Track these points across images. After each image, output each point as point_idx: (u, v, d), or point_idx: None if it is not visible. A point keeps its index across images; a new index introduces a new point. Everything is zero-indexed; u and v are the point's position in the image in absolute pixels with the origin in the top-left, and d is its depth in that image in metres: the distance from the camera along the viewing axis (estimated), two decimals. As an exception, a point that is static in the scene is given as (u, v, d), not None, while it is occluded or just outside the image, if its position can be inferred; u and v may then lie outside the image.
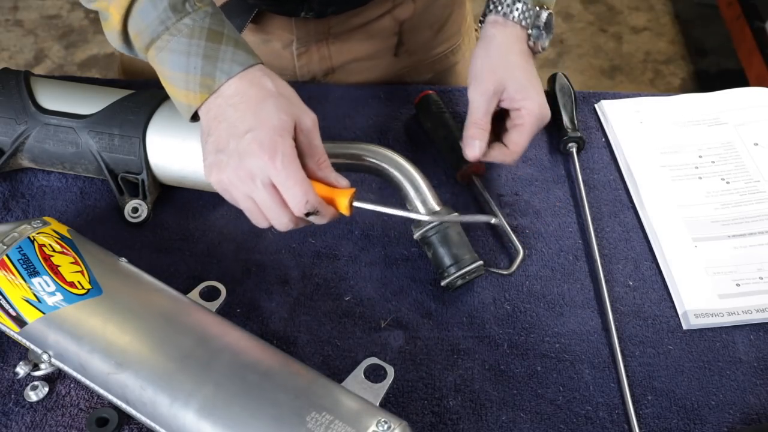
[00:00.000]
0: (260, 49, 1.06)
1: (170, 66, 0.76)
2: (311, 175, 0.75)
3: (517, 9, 0.89)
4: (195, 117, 0.77)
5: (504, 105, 0.90)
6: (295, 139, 0.74)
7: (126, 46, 0.80)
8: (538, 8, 0.89)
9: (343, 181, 0.77)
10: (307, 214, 0.74)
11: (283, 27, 1.04)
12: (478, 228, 0.92)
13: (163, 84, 0.78)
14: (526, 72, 0.89)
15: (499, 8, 0.90)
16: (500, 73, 0.88)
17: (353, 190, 0.76)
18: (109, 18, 0.77)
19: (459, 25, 0.98)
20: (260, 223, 0.77)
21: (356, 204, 0.77)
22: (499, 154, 0.90)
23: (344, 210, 0.76)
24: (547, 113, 0.90)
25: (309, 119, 0.75)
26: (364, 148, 0.88)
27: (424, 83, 1.16)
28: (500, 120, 0.91)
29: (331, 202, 0.76)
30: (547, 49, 0.93)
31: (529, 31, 0.90)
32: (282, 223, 0.75)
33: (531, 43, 0.91)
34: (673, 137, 1.02)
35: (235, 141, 0.73)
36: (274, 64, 1.07)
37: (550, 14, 0.91)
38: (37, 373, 0.75)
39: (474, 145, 0.88)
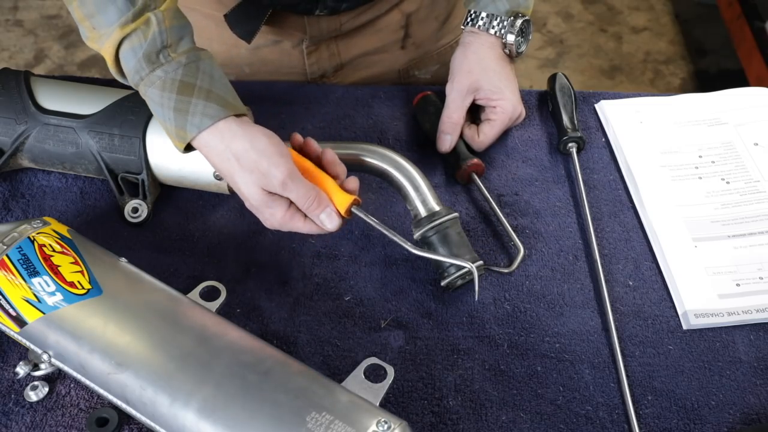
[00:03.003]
0: (271, 50, 1.08)
1: (153, 111, 0.79)
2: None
3: (493, 27, 0.97)
4: (188, 150, 0.80)
5: (480, 102, 0.99)
6: None
7: (126, 81, 0.81)
8: (512, 18, 0.97)
9: (330, 224, 0.78)
10: None
11: (296, 26, 1.05)
12: (478, 228, 0.93)
13: None
14: (500, 75, 0.97)
15: (477, 22, 0.98)
16: (476, 75, 0.96)
17: (357, 198, 0.79)
18: (105, 57, 0.79)
19: (463, 15, 1.01)
20: None
21: (355, 211, 0.79)
22: (470, 136, 0.98)
23: (342, 212, 0.79)
24: (520, 112, 0.99)
25: (276, 184, 0.76)
26: (364, 148, 0.88)
27: (431, 75, 1.18)
28: (478, 110, 1.00)
29: (334, 201, 0.78)
30: (525, 52, 1.01)
31: (504, 41, 0.97)
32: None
33: (506, 51, 0.98)
34: (673, 137, 1.02)
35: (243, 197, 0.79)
36: (284, 63, 1.09)
37: (525, 21, 0.98)
38: (37, 373, 0.75)
39: (445, 140, 0.97)
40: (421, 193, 0.86)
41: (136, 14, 0.75)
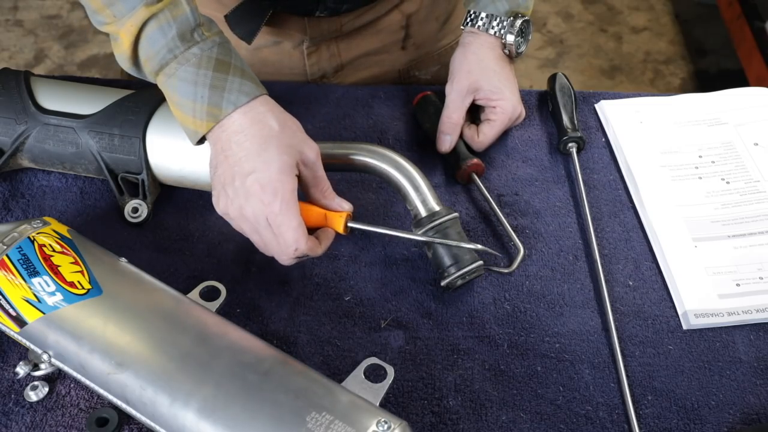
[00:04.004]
0: (271, 51, 1.08)
1: (178, 93, 0.77)
2: (315, 203, 0.80)
3: (492, 27, 0.97)
4: (200, 141, 0.79)
5: (480, 103, 0.98)
6: (299, 173, 0.78)
7: (136, 69, 0.81)
8: (512, 18, 0.97)
9: (347, 204, 0.81)
10: None
11: (296, 27, 1.05)
12: (478, 228, 0.93)
13: (171, 108, 0.80)
14: (499, 75, 0.97)
15: (477, 22, 0.98)
16: (475, 75, 0.96)
17: (348, 213, 0.81)
18: (119, 41, 0.78)
19: (463, 15, 1.02)
20: (265, 252, 0.80)
21: (351, 225, 0.81)
22: (469, 136, 0.98)
23: (341, 230, 0.81)
24: (519, 112, 0.99)
25: (312, 152, 0.78)
26: (365, 148, 0.88)
27: (432, 75, 1.17)
28: (478, 110, 1.00)
29: (329, 222, 0.81)
30: (524, 52, 1.01)
31: (503, 41, 0.97)
32: (282, 259, 0.79)
33: (506, 51, 0.98)
34: (673, 137, 1.02)
35: (240, 179, 0.76)
36: (284, 64, 1.09)
37: (525, 21, 0.98)
38: (37, 373, 0.75)
39: (445, 140, 0.97)
40: (421, 193, 0.86)
41: None
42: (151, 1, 0.75)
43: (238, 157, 0.76)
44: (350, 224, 0.81)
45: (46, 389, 0.76)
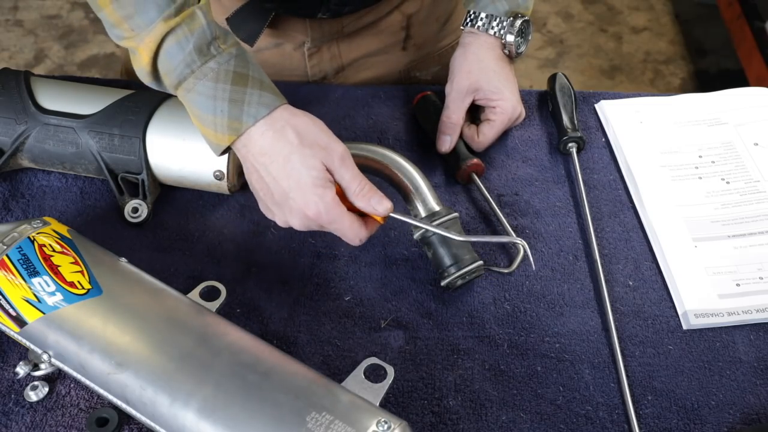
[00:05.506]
0: (272, 52, 1.08)
1: (198, 107, 0.77)
2: (350, 206, 0.78)
3: (492, 28, 0.97)
4: (224, 152, 0.79)
5: (480, 103, 0.98)
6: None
7: (156, 83, 0.80)
8: (512, 18, 0.96)
9: (382, 207, 0.77)
10: None
11: (298, 29, 1.05)
12: (478, 228, 0.93)
13: (192, 120, 0.79)
14: (499, 75, 0.97)
15: (477, 23, 0.98)
16: (475, 75, 0.96)
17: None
18: (138, 55, 0.78)
19: (464, 16, 1.02)
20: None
21: (392, 215, 0.79)
22: (469, 136, 0.98)
23: (379, 220, 0.79)
24: (519, 112, 0.99)
25: (336, 158, 0.76)
26: (365, 148, 0.88)
27: (432, 76, 1.17)
28: (478, 110, 1.00)
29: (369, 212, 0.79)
30: (524, 52, 1.01)
31: (503, 41, 0.97)
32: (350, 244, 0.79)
33: (506, 51, 0.98)
34: (673, 137, 1.02)
35: (280, 196, 0.77)
36: (285, 65, 1.09)
37: (524, 21, 0.98)
38: (37, 373, 0.75)
39: (445, 141, 0.97)
40: (421, 193, 0.86)
41: (179, 9, 0.75)
42: (169, 15, 0.75)
43: (270, 178, 0.76)
44: (391, 214, 0.79)
45: (46, 389, 0.76)
